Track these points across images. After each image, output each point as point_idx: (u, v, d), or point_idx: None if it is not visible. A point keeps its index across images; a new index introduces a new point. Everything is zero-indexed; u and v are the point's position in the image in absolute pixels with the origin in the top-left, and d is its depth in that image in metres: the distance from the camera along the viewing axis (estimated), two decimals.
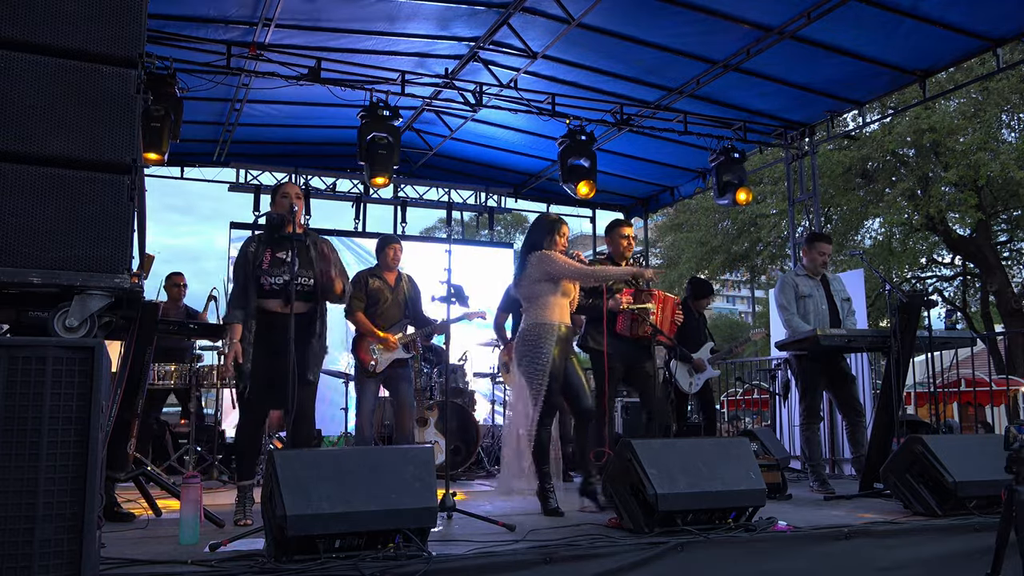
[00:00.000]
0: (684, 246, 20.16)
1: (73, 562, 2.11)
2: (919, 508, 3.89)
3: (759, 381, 9.34)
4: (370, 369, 5.32)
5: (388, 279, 5.52)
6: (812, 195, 8.47)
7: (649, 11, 6.20)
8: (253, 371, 3.84)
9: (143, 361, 3.88)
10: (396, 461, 2.97)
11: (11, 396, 2.13)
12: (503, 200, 10.78)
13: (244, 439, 4.03)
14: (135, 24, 2.56)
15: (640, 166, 9.59)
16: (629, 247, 4.96)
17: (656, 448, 3.50)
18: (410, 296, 5.56)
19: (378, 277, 5.50)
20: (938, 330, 5.22)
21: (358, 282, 5.45)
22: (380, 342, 5.32)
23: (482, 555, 2.84)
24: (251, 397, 3.90)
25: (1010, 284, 16.68)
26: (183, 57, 6.51)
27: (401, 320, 5.49)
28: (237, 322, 3.87)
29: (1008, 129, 15.73)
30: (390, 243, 5.59)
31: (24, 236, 2.34)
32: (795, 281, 5.48)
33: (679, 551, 3.04)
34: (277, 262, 3.94)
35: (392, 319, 5.46)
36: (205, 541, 3.14)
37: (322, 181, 9.74)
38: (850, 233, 17.54)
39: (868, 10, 6.03)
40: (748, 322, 36.07)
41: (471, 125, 8.64)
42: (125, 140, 2.50)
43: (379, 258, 5.57)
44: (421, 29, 6.75)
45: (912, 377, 9.06)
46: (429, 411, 6.57)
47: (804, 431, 5.36)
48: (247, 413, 3.99)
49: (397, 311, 5.50)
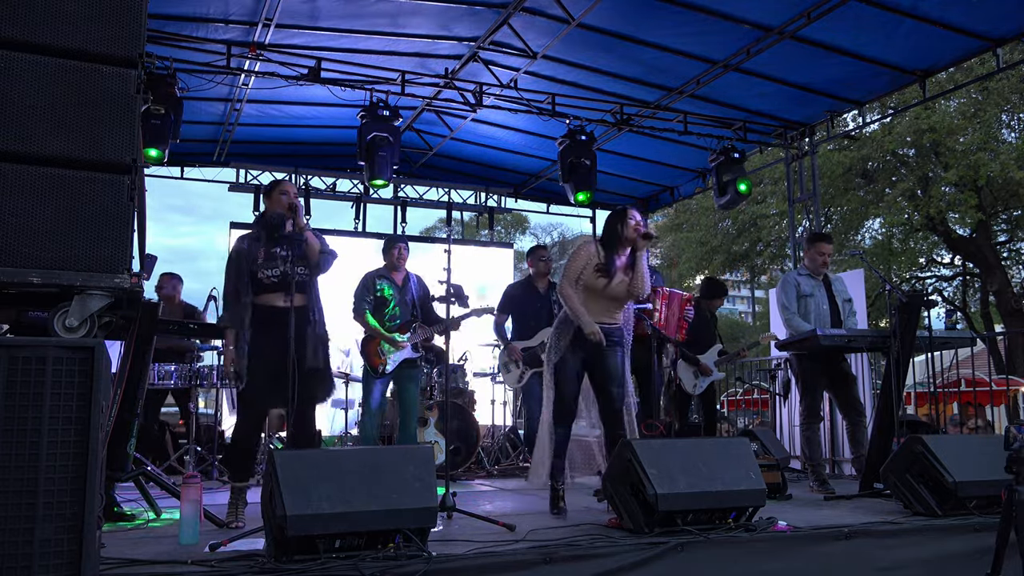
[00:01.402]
0: (684, 246, 20.17)
1: (73, 562, 2.11)
2: (919, 508, 3.89)
3: (759, 381, 9.34)
4: (379, 370, 5.35)
5: (395, 279, 5.56)
6: (812, 195, 8.47)
7: (649, 11, 6.20)
8: (253, 368, 3.81)
9: (143, 361, 3.89)
10: (396, 461, 2.97)
11: (11, 396, 2.12)
12: (503, 200, 10.79)
13: (243, 438, 3.99)
14: (135, 24, 2.55)
15: (640, 166, 9.59)
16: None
17: (656, 448, 3.50)
18: (418, 296, 5.59)
19: (385, 278, 5.53)
20: (938, 330, 5.22)
21: (366, 284, 5.49)
22: (390, 343, 5.35)
23: (482, 555, 2.84)
24: (251, 395, 3.86)
25: (1010, 284, 16.68)
26: (183, 57, 6.52)
27: (409, 320, 5.52)
28: (231, 326, 3.85)
29: (1008, 129, 15.73)
30: (396, 244, 5.63)
31: (24, 236, 2.34)
32: (797, 280, 5.48)
33: (679, 551, 3.04)
34: (272, 255, 3.93)
35: (400, 319, 5.50)
36: (205, 541, 3.14)
37: (322, 181, 9.74)
38: (850, 233, 17.54)
39: (868, 10, 6.02)
40: (748, 322, 36.05)
41: (471, 125, 8.64)
42: (125, 140, 2.49)
43: (385, 259, 5.62)
44: (421, 29, 6.75)
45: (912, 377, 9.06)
46: (429, 411, 6.57)
47: (804, 431, 5.36)
48: (247, 411, 3.95)
49: (405, 311, 5.53)
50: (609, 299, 4.17)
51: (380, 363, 5.36)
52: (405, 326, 5.49)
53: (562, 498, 4.17)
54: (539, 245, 6.98)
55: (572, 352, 4.13)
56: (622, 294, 4.19)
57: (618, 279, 4.14)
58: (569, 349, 4.13)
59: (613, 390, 4.15)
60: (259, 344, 3.83)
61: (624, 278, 4.16)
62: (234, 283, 3.90)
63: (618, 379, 4.16)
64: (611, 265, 4.11)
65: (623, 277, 4.16)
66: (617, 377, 4.16)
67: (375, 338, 5.41)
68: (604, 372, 4.14)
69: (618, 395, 4.16)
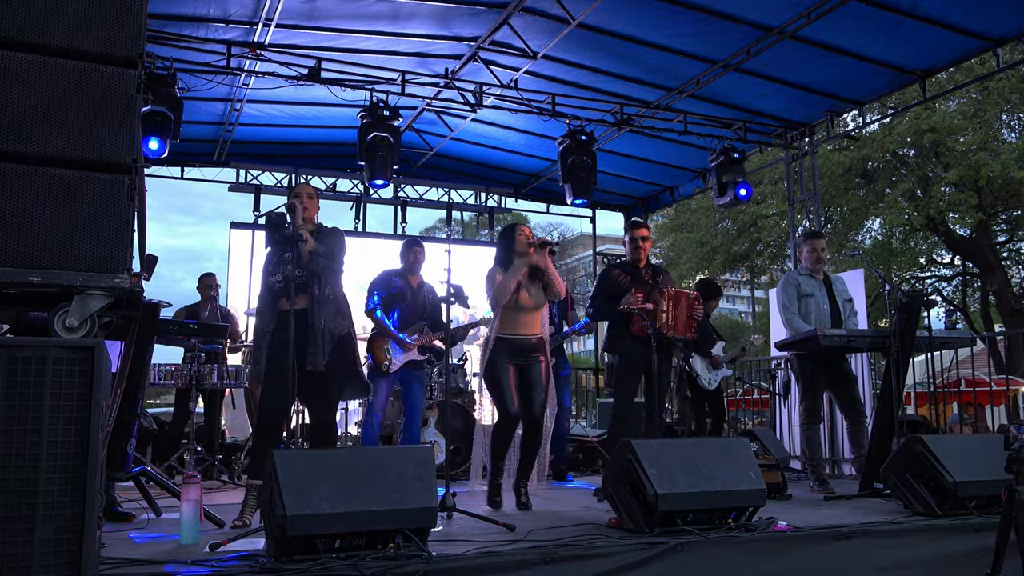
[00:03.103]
0: (684, 246, 20.15)
1: (73, 562, 2.11)
2: (919, 508, 3.89)
3: (759, 381, 9.34)
4: (384, 368, 5.39)
5: (411, 282, 5.62)
6: (812, 195, 8.47)
7: (649, 11, 6.20)
8: (270, 369, 3.88)
9: (143, 361, 3.89)
10: (396, 461, 2.97)
11: (11, 396, 2.12)
12: (503, 200, 10.79)
13: (260, 437, 4.03)
14: (135, 24, 2.55)
15: (640, 166, 9.59)
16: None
17: (656, 448, 3.50)
18: (430, 302, 5.65)
19: (402, 278, 5.59)
20: (938, 330, 5.22)
21: (382, 280, 5.55)
22: (397, 343, 5.38)
23: (482, 555, 2.84)
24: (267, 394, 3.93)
25: (1010, 284, 16.68)
26: (183, 57, 6.52)
27: (418, 323, 5.56)
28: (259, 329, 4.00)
29: (1008, 129, 15.73)
30: (413, 246, 5.70)
31: (24, 236, 2.34)
32: (797, 281, 5.48)
33: (679, 551, 3.04)
34: (281, 261, 3.97)
35: (410, 321, 5.55)
36: (205, 541, 3.14)
37: (322, 181, 9.74)
38: (850, 233, 17.54)
39: (868, 10, 6.02)
40: (748, 322, 36.05)
41: (471, 125, 8.64)
42: (125, 140, 2.50)
43: (403, 260, 5.66)
44: (421, 29, 6.75)
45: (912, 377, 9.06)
46: (429, 411, 6.58)
47: (804, 431, 5.36)
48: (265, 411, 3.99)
49: (415, 314, 5.57)
50: (524, 311, 4.54)
51: (384, 361, 5.40)
52: (413, 328, 5.52)
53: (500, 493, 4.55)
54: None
55: (505, 364, 4.51)
56: (536, 303, 4.57)
57: (525, 292, 4.51)
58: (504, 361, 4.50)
59: (535, 396, 4.54)
60: (275, 347, 3.91)
61: (531, 288, 4.54)
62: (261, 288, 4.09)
63: (540, 386, 4.56)
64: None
65: (530, 288, 4.53)
66: (539, 384, 4.56)
67: (382, 336, 5.44)
68: (528, 380, 4.55)
69: (538, 400, 4.56)
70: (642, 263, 5.17)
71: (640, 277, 5.07)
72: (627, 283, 5.00)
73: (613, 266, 5.49)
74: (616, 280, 5.09)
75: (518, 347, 4.62)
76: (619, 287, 5.01)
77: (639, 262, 5.16)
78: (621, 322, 4.96)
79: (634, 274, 5.10)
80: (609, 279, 5.17)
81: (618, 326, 5.04)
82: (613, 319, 5.07)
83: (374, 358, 5.45)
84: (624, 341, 4.96)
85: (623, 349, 5.00)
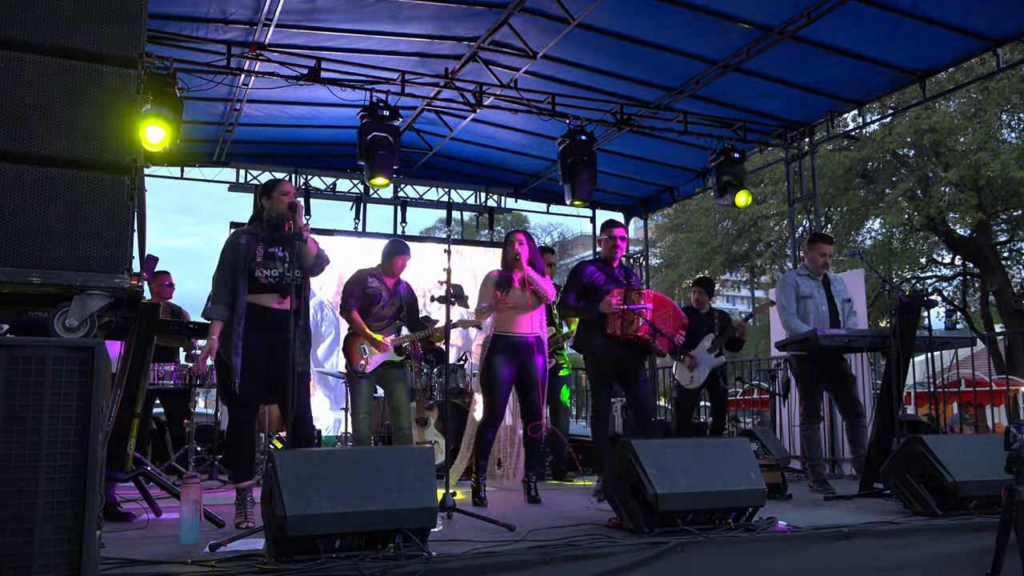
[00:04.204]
0: (684, 246, 20.17)
1: (73, 562, 2.11)
2: (919, 508, 3.89)
3: (759, 381, 9.34)
4: (359, 369, 5.29)
5: (388, 283, 5.52)
6: (812, 195, 8.47)
7: (649, 11, 6.20)
8: (247, 365, 3.77)
9: (143, 361, 3.89)
10: (396, 461, 2.97)
11: (11, 396, 2.12)
12: (503, 200, 10.78)
13: (239, 437, 3.94)
14: (135, 24, 2.55)
15: (640, 166, 9.59)
16: (615, 248, 5.16)
17: (656, 448, 3.49)
18: (407, 302, 5.57)
19: (377, 278, 5.49)
20: (938, 330, 5.22)
21: (356, 280, 5.46)
22: (372, 343, 5.31)
23: (482, 555, 2.84)
24: (244, 392, 3.79)
25: (1010, 284, 16.68)
26: (183, 57, 6.51)
27: (394, 324, 5.49)
28: (221, 320, 3.81)
29: (1008, 129, 15.75)
30: (401, 253, 5.51)
31: (24, 236, 2.34)
32: (796, 281, 5.48)
33: (679, 551, 3.04)
34: (271, 255, 3.91)
35: (385, 321, 5.47)
36: (205, 541, 3.14)
37: (322, 181, 9.74)
38: (850, 233, 17.54)
39: (868, 10, 6.02)
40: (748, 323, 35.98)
41: (471, 125, 8.64)
42: (125, 140, 2.49)
43: (384, 262, 5.52)
44: (421, 29, 6.75)
45: (912, 377, 9.06)
46: (429, 411, 6.57)
47: (804, 431, 5.36)
48: (240, 409, 3.89)
49: (391, 314, 5.50)
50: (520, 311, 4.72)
51: (360, 361, 5.30)
52: (389, 328, 5.47)
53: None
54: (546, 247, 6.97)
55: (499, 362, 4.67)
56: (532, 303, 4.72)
57: (517, 292, 4.72)
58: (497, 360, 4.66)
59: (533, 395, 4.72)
60: (248, 343, 3.78)
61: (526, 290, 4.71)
62: (229, 278, 3.84)
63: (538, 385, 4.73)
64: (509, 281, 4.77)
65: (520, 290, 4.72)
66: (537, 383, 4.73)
67: (357, 336, 5.38)
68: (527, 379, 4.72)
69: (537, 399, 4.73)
70: (616, 262, 5.17)
71: (614, 276, 5.08)
72: (601, 281, 5.02)
73: (586, 262, 5.47)
74: (590, 277, 5.11)
75: (516, 345, 4.65)
76: (593, 284, 5.04)
77: (613, 260, 5.16)
78: (592, 320, 4.95)
79: (608, 272, 5.11)
80: (582, 275, 5.16)
81: (589, 324, 5.03)
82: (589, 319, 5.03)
83: (349, 358, 5.38)
84: (595, 339, 4.97)
85: (595, 348, 5.00)
